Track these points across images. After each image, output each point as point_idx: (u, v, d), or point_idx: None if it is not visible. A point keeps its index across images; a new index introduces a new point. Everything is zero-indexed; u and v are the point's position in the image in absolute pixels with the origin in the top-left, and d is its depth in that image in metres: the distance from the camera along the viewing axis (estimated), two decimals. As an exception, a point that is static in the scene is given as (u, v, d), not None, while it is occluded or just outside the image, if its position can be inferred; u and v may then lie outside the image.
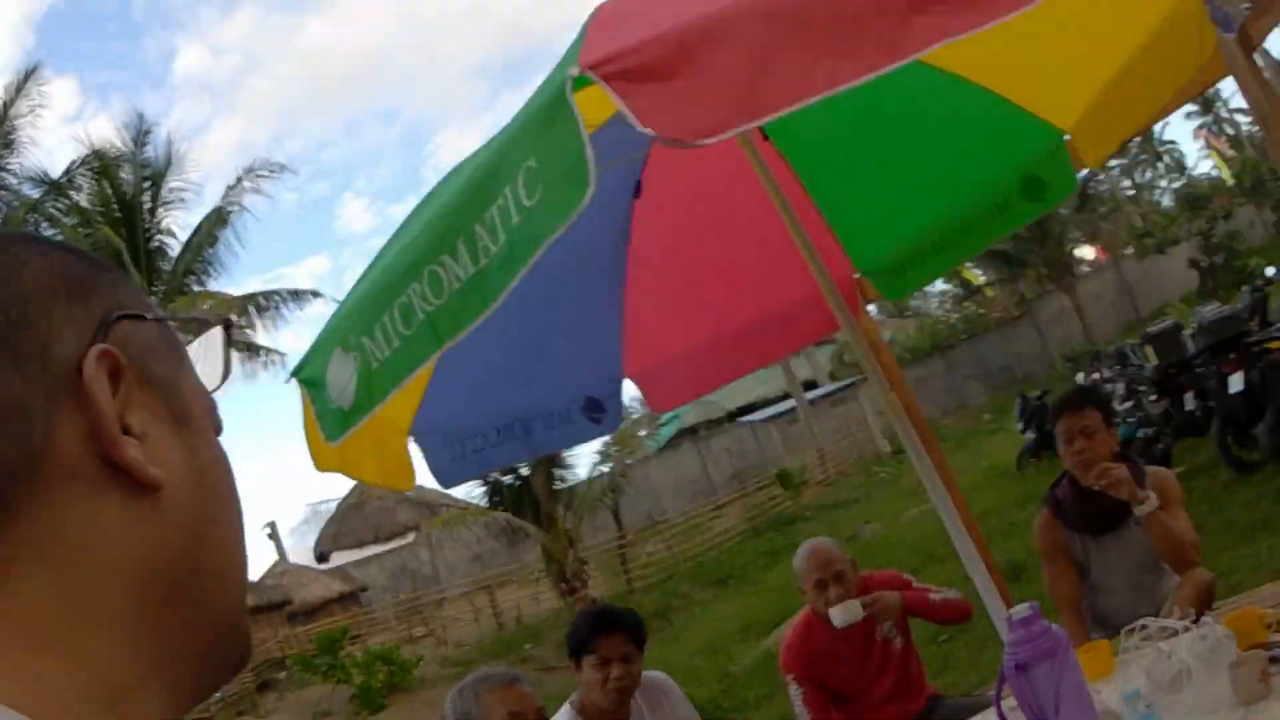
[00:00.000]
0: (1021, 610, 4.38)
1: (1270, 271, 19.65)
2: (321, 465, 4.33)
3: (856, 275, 7.25)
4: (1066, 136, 6.16)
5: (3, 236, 1.05)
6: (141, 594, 0.99)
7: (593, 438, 7.13)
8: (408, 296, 3.36)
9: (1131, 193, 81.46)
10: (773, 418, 53.56)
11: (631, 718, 5.93)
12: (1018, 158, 6.36)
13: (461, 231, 3.13)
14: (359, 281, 4.47)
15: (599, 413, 6.61)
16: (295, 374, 4.06)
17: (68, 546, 0.96)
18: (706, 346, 7.15)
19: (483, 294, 3.11)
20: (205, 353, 1.24)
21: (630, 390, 7.20)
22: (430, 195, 4.55)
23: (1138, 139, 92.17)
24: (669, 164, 5.81)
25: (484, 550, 38.64)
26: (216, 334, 1.25)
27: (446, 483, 6.21)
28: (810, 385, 58.00)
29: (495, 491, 30.72)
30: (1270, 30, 7.59)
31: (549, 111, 2.86)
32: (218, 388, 1.22)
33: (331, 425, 3.80)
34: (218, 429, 1.16)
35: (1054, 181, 6.35)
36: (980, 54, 5.45)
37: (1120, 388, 18.71)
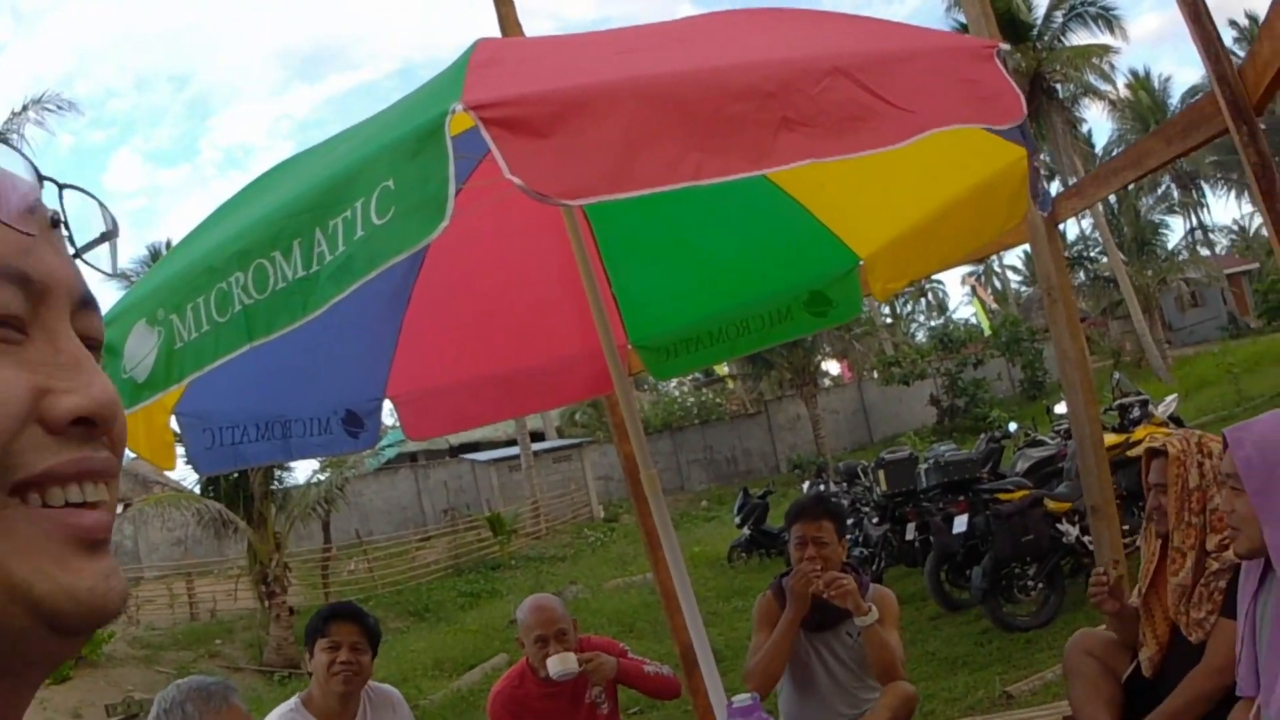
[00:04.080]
0: (743, 699, 4.50)
1: (1013, 427, 20.30)
2: (97, 432, 4.26)
3: (628, 347, 7.35)
4: (860, 263, 6.37)
5: None
6: None
7: (349, 451, 7.10)
8: (228, 284, 3.31)
9: (889, 321, 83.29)
10: (495, 460, 53.49)
11: (358, 715, 5.97)
12: (810, 272, 6.58)
13: (300, 233, 3.12)
14: (173, 255, 4.42)
15: (357, 427, 6.57)
16: None
17: None
18: (472, 385, 7.16)
19: (306, 299, 3.10)
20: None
21: (387, 409, 7.18)
22: (267, 179, 4.52)
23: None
24: (477, 203, 5.84)
25: (189, 536, 37.83)
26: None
27: (201, 470, 6.14)
28: (537, 437, 58.04)
29: (211, 481, 30.17)
30: (1076, 212, 7.97)
31: (421, 140, 2.89)
32: (84, 254, 1.03)
33: (119, 395, 3.74)
34: None
35: (839, 302, 6.57)
36: (799, 167, 5.62)
37: (844, 504, 19.12)
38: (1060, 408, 17.87)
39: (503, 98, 2.94)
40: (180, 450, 5.54)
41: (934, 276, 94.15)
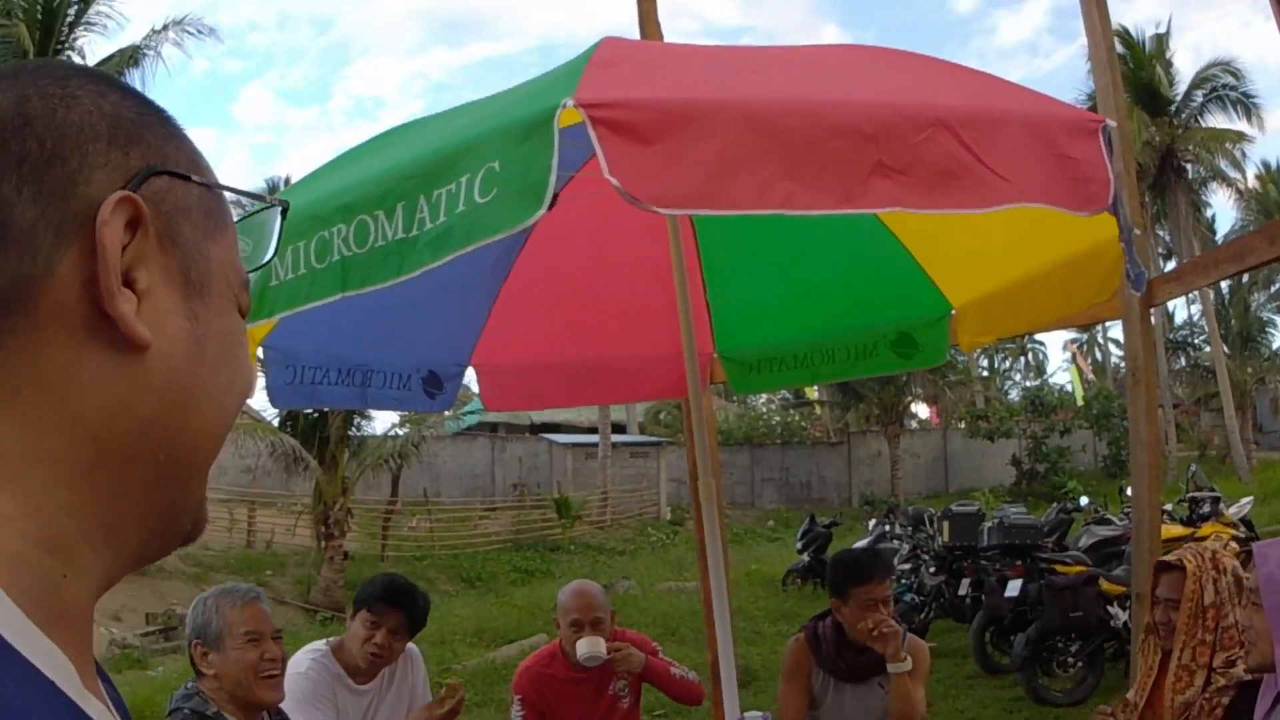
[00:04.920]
0: (754, 717, 4.54)
1: (1084, 501, 20.12)
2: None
3: (714, 355, 7.47)
4: (953, 312, 6.44)
5: (69, 69, 1.06)
6: (106, 449, 1.00)
7: (424, 410, 7.25)
8: (330, 234, 3.45)
9: (985, 374, 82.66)
10: (573, 445, 53.51)
11: (382, 673, 6.13)
12: (902, 313, 6.65)
13: (405, 197, 3.25)
14: (285, 196, 4.54)
15: (436, 389, 6.71)
16: None
17: (42, 387, 0.98)
18: (555, 366, 7.33)
19: (402, 261, 3.24)
20: (254, 230, 1.28)
21: (468, 376, 7.30)
22: (385, 139, 4.64)
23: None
24: (588, 192, 5.90)
25: (259, 466, 38.04)
26: (271, 214, 1.29)
27: (277, 403, 6.28)
28: (619, 429, 57.97)
29: (291, 416, 30.42)
30: (1173, 296, 7.95)
31: (530, 128, 3.01)
32: (258, 268, 1.25)
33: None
34: (243, 308, 1.17)
35: (926, 347, 6.64)
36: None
37: (905, 549, 19.07)
38: (1133, 490, 17.64)
39: (612, 99, 3.05)
40: (260, 381, 5.68)
41: (1036, 338, 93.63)
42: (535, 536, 41.32)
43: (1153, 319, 7.37)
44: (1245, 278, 59.70)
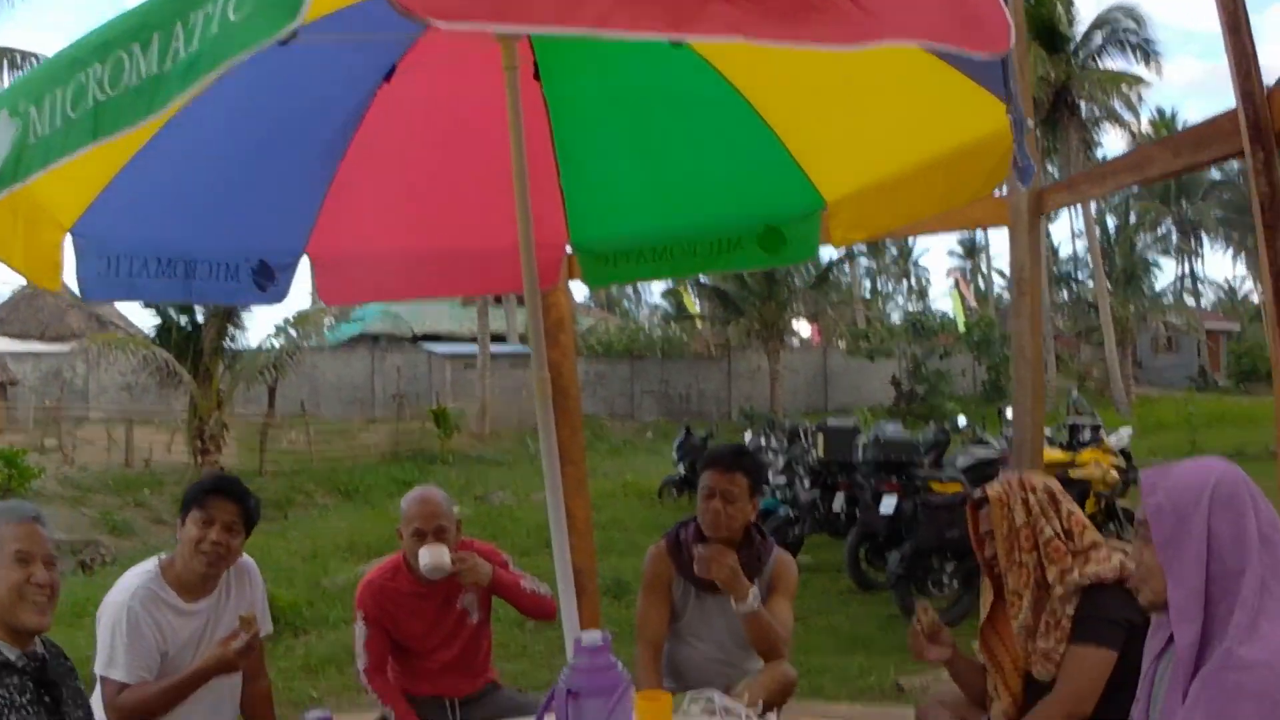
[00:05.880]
0: (592, 638, 4.18)
1: (962, 421, 20.19)
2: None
3: (568, 248, 7.16)
4: (825, 208, 6.10)
5: None
6: None
7: (255, 303, 6.80)
8: (87, 76, 3.01)
9: (868, 295, 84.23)
10: (452, 355, 53.54)
11: (217, 589, 5.80)
12: (770, 206, 6.30)
13: (161, 25, 2.79)
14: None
15: (267, 279, 6.28)
16: None
17: None
18: (398, 255, 6.90)
19: (152, 98, 2.79)
20: None
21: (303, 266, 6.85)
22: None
23: (895, 253, 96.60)
24: (430, 62, 5.51)
25: (137, 383, 37.72)
26: None
27: (88, 296, 5.83)
28: (499, 339, 57.91)
29: (166, 328, 30.02)
30: (1064, 205, 7.73)
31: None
32: None
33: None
34: None
35: (795, 242, 6.31)
36: (781, 96, 5.44)
37: (780, 462, 19.00)
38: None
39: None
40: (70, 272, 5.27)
41: (920, 262, 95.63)
42: (414, 449, 41.52)
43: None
44: (1133, 218, 61.44)
